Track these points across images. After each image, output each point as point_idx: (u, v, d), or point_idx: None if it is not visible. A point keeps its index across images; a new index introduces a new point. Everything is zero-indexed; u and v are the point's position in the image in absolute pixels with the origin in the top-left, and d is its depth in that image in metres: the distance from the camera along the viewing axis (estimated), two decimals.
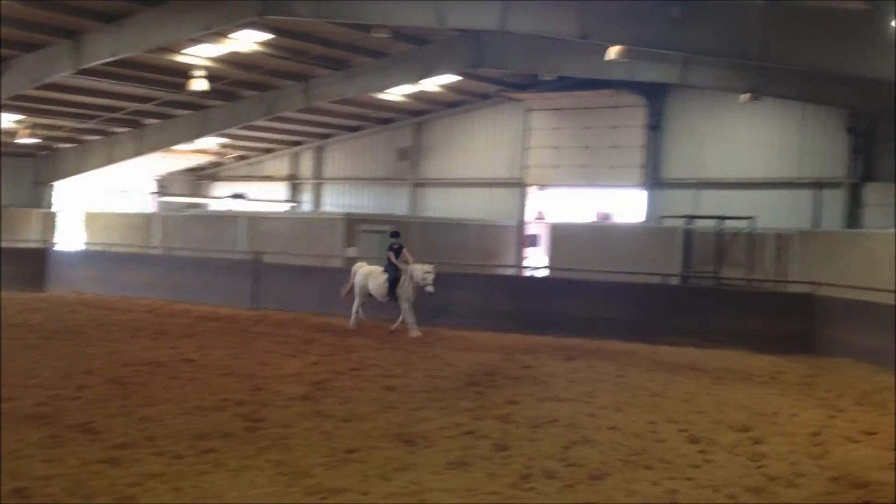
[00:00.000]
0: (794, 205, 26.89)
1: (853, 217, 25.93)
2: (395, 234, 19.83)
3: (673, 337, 18.19)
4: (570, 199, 32.52)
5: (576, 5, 18.31)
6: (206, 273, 24.42)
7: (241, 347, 16.45)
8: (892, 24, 13.40)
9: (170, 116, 31.39)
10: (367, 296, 19.41)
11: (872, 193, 25.67)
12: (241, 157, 39.49)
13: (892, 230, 21.85)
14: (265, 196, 38.19)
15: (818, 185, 26.45)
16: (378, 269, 19.43)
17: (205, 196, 40.71)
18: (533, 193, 32.65)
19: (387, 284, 19.00)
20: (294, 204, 38.03)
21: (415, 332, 18.50)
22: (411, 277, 18.63)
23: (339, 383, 13.14)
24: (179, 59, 24.89)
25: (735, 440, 10.25)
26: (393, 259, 19.12)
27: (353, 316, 19.60)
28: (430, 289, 18.38)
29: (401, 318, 19.02)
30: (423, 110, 34.13)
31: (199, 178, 41.29)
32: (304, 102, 28.97)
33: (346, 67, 27.41)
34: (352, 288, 19.65)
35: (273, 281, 23.21)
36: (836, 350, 16.82)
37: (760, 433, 10.60)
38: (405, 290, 18.77)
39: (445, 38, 25.39)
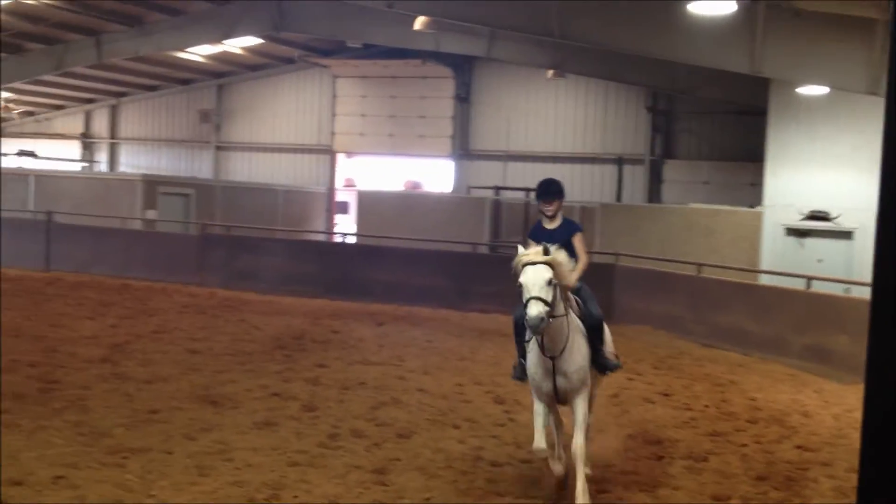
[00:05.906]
0: (599, 179, 27.90)
1: (653, 192, 27.20)
2: (544, 193, 8.46)
3: (481, 304, 18.49)
4: (379, 168, 32.51)
5: None
6: None
7: (31, 309, 15.62)
8: (687, 8, 14.07)
9: None
10: None
11: (671, 170, 27.03)
12: (28, 113, 37.09)
13: (689, 205, 23.17)
14: (56, 155, 36.03)
15: (620, 160, 27.54)
16: None
17: None
18: (342, 161, 32.42)
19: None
20: (88, 164, 36.11)
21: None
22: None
23: (139, 346, 12.72)
24: None
25: None
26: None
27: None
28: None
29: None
30: (225, 72, 33.03)
31: None
32: (96, 58, 27.48)
33: (141, 24, 26.19)
34: None
35: (67, 242, 22.10)
36: (637, 318, 17.57)
37: None
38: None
39: None
